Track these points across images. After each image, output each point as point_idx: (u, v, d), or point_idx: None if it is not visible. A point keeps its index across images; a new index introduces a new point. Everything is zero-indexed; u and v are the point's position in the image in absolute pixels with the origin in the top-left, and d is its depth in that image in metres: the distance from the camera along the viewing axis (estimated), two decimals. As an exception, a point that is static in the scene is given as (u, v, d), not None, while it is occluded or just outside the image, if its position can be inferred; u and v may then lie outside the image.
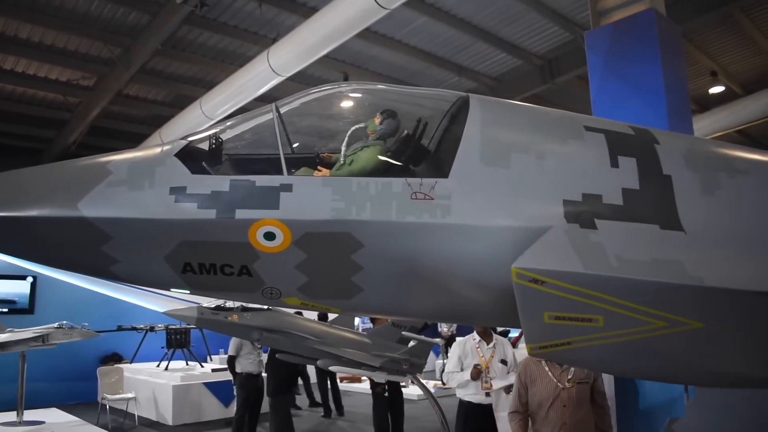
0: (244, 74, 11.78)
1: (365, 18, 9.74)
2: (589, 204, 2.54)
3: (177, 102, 14.85)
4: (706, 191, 2.73)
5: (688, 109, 7.54)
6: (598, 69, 7.38)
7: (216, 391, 12.55)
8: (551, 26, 12.66)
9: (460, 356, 6.63)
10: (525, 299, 2.30)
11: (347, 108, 3.17)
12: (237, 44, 12.90)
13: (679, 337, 2.37)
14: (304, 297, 2.77)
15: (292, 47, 10.75)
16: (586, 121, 2.90)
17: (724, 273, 2.41)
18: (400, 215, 2.50)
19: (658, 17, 7.15)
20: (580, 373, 4.43)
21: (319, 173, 2.70)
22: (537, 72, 14.21)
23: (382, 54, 13.33)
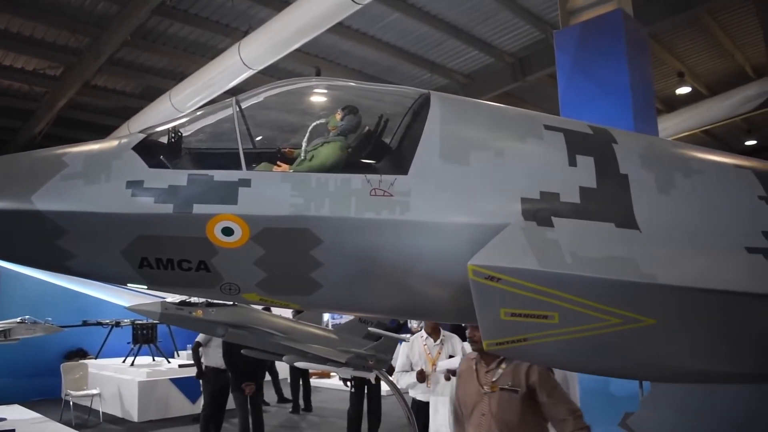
0: (215, 67, 11.64)
1: (338, 12, 9.71)
2: (546, 202, 2.56)
3: (146, 94, 14.64)
4: (662, 190, 2.77)
5: (653, 109, 7.68)
6: (567, 68, 7.46)
7: (183, 387, 12.44)
8: (523, 25, 12.75)
9: (408, 355, 6.63)
10: (481, 296, 2.31)
11: (308, 103, 3.15)
12: (208, 36, 12.75)
13: (633, 333, 2.41)
14: (262, 293, 2.75)
15: (264, 40, 10.66)
16: (545, 120, 2.93)
17: (677, 271, 2.45)
18: (359, 211, 2.50)
19: (626, 18, 7.24)
20: (508, 378, 3.79)
21: (279, 168, 2.68)
22: (508, 70, 14.30)
23: (354, 49, 13.29)
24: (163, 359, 13.72)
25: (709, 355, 2.65)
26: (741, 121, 19.57)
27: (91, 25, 11.84)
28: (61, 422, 11.45)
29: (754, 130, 21.15)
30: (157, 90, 13.70)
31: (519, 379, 3.75)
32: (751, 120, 19.57)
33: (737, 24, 14.22)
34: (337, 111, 2.87)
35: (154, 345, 13.66)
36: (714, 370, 2.71)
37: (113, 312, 14.16)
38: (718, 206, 2.84)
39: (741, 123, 20.01)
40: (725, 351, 2.66)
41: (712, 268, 2.56)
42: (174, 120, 2.94)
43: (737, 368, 2.72)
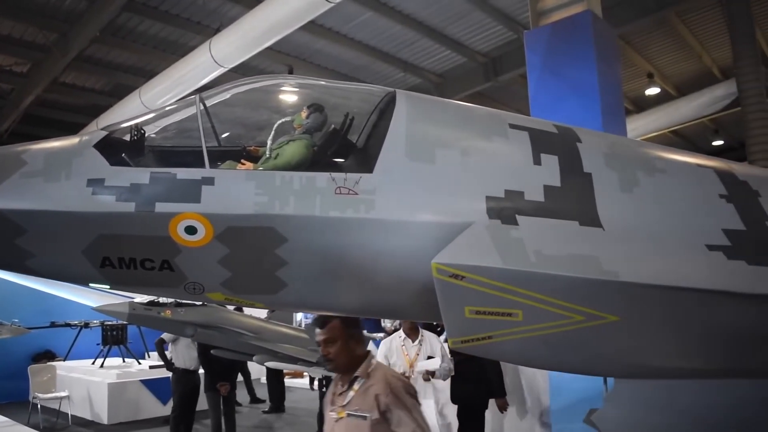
0: (186, 65, 11.52)
1: (310, 10, 9.67)
2: (511, 200, 2.58)
3: (115, 91, 14.43)
4: (625, 189, 2.80)
5: (622, 109, 7.77)
6: (537, 68, 7.51)
7: (154, 389, 12.28)
8: (495, 25, 12.84)
9: (386, 355, 6.44)
10: (445, 294, 2.31)
11: (274, 101, 3.14)
12: (179, 33, 12.62)
13: (596, 330, 2.44)
14: (227, 292, 2.72)
15: (235, 38, 10.58)
16: (510, 119, 2.94)
17: (639, 268, 2.48)
18: (324, 210, 2.49)
19: (594, 19, 7.31)
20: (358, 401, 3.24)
21: (243, 166, 2.66)
22: (481, 70, 14.39)
23: (327, 48, 13.26)
24: (134, 360, 13.52)
25: (671, 351, 2.69)
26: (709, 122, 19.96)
27: (60, 21, 11.64)
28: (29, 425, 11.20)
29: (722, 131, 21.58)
30: (127, 87, 13.52)
31: (369, 403, 3.21)
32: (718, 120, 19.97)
33: (705, 26, 14.50)
34: (302, 109, 2.86)
35: (124, 346, 13.45)
36: (675, 367, 2.75)
37: (82, 313, 13.89)
38: (679, 204, 2.88)
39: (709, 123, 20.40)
40: (686, 347, 2.70)
41: (673, 266, 2.59)
42: (137, 117, 2.90)
43: (698, 364, 2.77)
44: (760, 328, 2.68)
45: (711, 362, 2.78)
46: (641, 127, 16.60)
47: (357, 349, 3.40)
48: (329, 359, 3.39)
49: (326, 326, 3.38)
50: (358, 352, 3.40)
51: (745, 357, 2.78)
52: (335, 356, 3.37)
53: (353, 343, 3.38)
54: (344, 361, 3.38)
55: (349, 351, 3.37)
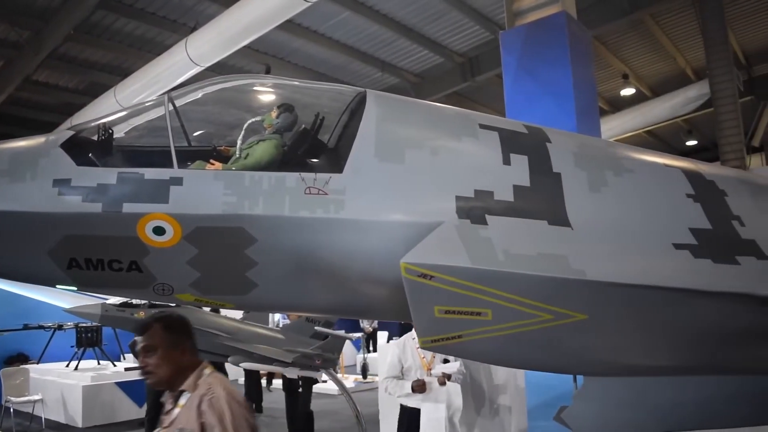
0: (161, 63, 11.41)
1: (288, 9, 9.63)
2: (480, 200, 2.59)
3: (90, 90, 14.25)
4: (594, 188, 2.83)
5: (596, 110, 7.83)
6: (512, 68, 7.53)
7: (129, 391, 12.14)
8: (472, 25, 12.89)
9: (400, 359, 5.79)
10: (414, 294, 2.32)
11: (244, 101, 3.12)
12: (155, 32, 12.50)
13: (565, 328, 2.46)
14: (197, 293, 2.71)
15: (212, 37, 10.50)
16: (480, 119, 2.96)
17: (607, 267, 2.51)
18: (294, 210, 2.48)
19: (569, 20, 7.36)
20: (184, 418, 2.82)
21: (212, 166, 2.64)
22: (458, 70, 14.45)
23: (305, 47, 13.22)
24: (109, 363, 13.35)
25: (639, 349, 2.73)
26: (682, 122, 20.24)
27: (33, 18, 11.46)
28: (2, 430, 11.05)
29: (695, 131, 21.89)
30: (102, 86, 13.37)
31: (191, 420, 2.78)
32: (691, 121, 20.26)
33: (678, 28, 14.71)
34: (272, 109, 2.84)
35: (99, 348, 13.25)
36: (643, 364, 2.79)
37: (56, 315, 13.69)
38: (647, 204, 2.92)
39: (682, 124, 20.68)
40: (654, 345, 2.74)
41: (640, 264, 2.62)
42: (105, 117, 2.87)
43: (665, 361, 2.82)
44: (725, 326, 2.73)
45: (678, 359, 2.82)
46: (617, 127, 16.79)
47: (183, 359, 2.93)
48: (147, 372, 2.96)
49: (145, 332, 2.98)
50: (185, 363, 2.93)
51: (711, 354, 2.83)
52: (155, 367, 2.90)
53: (177, 352, 2.92)
54: (167, 373, 2.90)
55: (173, 361, 2.90)
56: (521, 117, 7.15)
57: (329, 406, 12.50)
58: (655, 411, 3.00)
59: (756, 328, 2.77)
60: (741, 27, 15.21)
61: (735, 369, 2.99)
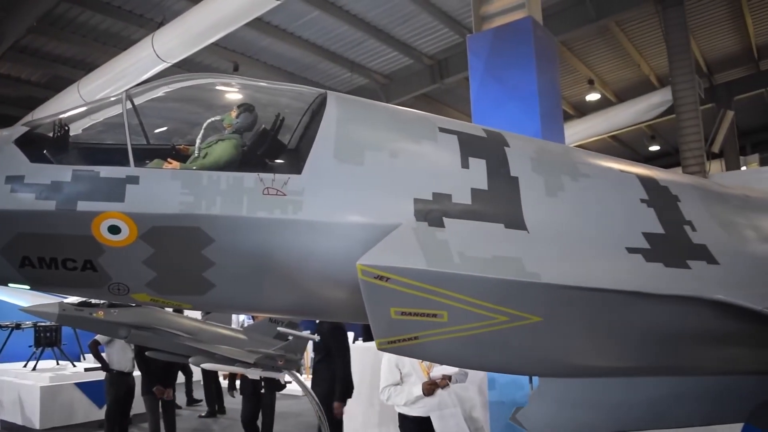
0: (127, 58, 11.25)
1: (257, 7, 9.57)
2: (438, 203, 2.61)
3: (53, 84, 13.98)
4: (550, 193, 2.87)
5: (560, 114, 7.94)
6: (479, 72, 7.61)
7: (89, 392, 11.90)
8: (442, 28, 12.99)
9: (397, 365, 5.40)
10: (371, 295, 2.33)
11: (204, 100, 3.09)
12: (120, 26, 12.32)
13: (520, 330, 2.49)
14: (153, 293, 2.67)
15: (179, 33, 10.38)
16: (440, 122, 2.98)
17: (561, 270, 2.54)
18: (251, 210, 2.47)
19: (535, 26, 7.46)
20: None
21: (169, 165, 2.61)
22: (427, 72, 14.54)
23: (273, 45, 13.17)
24: (68, 363, 13.08)
25: (593, 350, 2.78)
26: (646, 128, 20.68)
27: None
28: (-46, 432, 10.77)
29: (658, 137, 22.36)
30: (65, 80, 13.13)
31: None
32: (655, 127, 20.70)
33: (643, 36, 15.03)
34: (233, 108, 2.83)
35: (58, 348, 12.98)
36: (597, 365, 2.85)
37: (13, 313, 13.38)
38: (602, 208, 2.97)
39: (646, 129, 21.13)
40: (607, 347, 2.79)
41: (593, 268, 2.67)
42: (61, 113, 2.82)
43: (618, 363, 2.87)
44: (676, 328, 2.80)
45: (630, 361, 2.88)
46: (582, 131, 17.07)
47: None
48: None
49: None
50: None
51: (662, 355, 2.89)
52: None
53: None
54: None
55: None
56: (487, 120, 7.26)
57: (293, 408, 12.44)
58: (608, 411, 3.06)
59: (705, 331, 2.85)
60: (703, 36, 15.60)
61: (686, 370, 3.07)
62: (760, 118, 22.80)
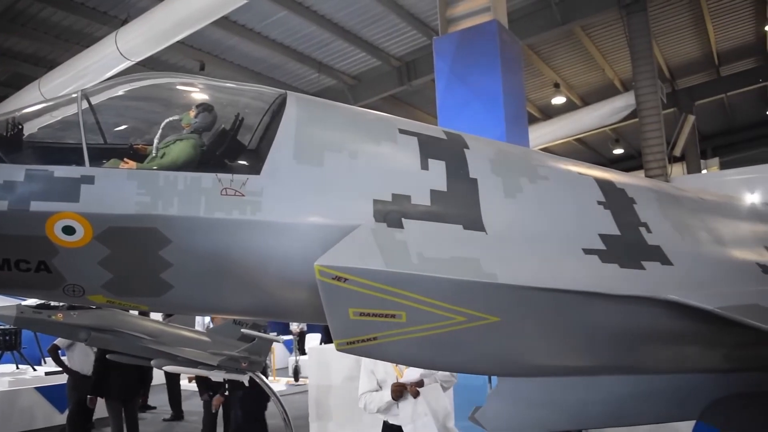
0: (90, 56, 11.07)
1: (223, 6, 9.50)
2: (398, 204, 2.61)
3: (13, 81, 13.68)
4: (509, 195, 2.90)
5: (525, 117, 8.05)
6: (444, 74, 7.67)
7: (50, 396, 11.63)
8: (409, 30, 13.04)
9: (373, 371, 5.13)
10: (329, 296, 2.33)
11: (162, 99, 3.05)
12: (83, 23, 12.11)
13: (478, 330, 2.52)
14: (109, 294, 2.63)
15: (143, 31, 10.25)
16: (400, 123, 2.99)
17: (517, 271, 2.57)
18: (209, 211, 2.45)
19: (500, 29, 7.55)
20: None
21: (126, 165, 2.58)
22: (395, 73, 14.59)
23: (240, 45, 13.08)
24: (28, 367, 12.78)
25: (549, 350, 2.82)
26: (610, 131, 21.07)
27: (-50, 4, 10.94)
28: None
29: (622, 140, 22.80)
30: (26, 78, 12.87)
31: None
32: (619, 130, 21.11)
33: (608, 41, 15.30)
34: (191, 108, 2.80)
35: (18, 352, 12.67)
36: (554, 364, 2.89)
37: (-29, 316, 13.04)
38: (559, 210, 3.01)
39: (610, 133, 21.53)
40: (563, 346, 2.84)
41: (550, 269, 2.71)
42: (15, 112, 2.76)
43: (575, 362, 2.92)
44: (632, 328, 2.85)
45: (587, 360, 2.93)
46: (548, 134, 17.31)
47: None
48: None
49: None
50: None
51: (618, 354, 2.95)
52: None
53: None
54: None
55: None
56: (453, 122, 7.31)
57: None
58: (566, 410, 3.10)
59: (660, 330, 2.91)
60: (666, 42, 15.96)
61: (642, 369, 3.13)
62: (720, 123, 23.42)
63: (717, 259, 3.37)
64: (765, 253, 3.64)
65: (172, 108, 2.88)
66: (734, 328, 2.76)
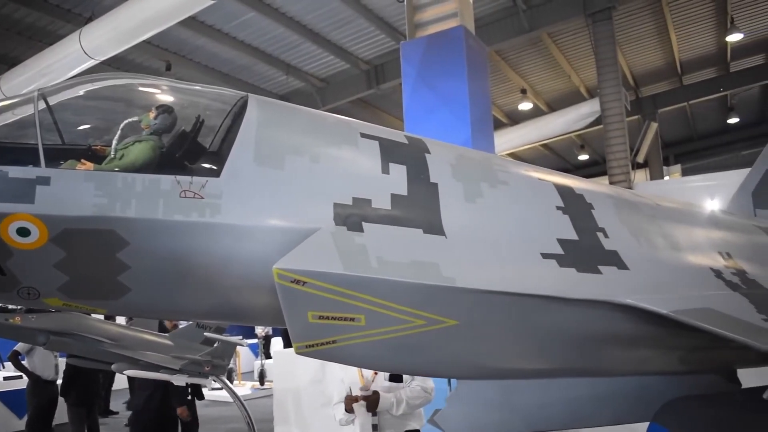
0: (53, 54, 10.86)
1: (190, 5, 9.40)
2: (358, 208, 2.62)
3: (-27, 79, 13.31)
4: (469, 199, 2.93)
5: (490, 122, 8.12)
6: (411, 79, 7.72)
7: (8, 402, 11.38)
8: (378, 33, 13.08)
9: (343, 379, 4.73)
10: (288, 299, 2.32)
11: (122, 100, 3.01)
12: (47, 20, 11.87)
13: (437, 334, 2.53)
14: (65, 297, 2.58)
15: (108, 29, 10.08)
16: (362, 128, 2.99)
17: (476, 275, 2.60)
18: (168, 213, 2.42)
19: (467, 35, 7.62)
20: None
21: (83, 166, 2.54)
22: (364, 77, 14.62)
23: (208, 45, 12.96)
24: (-13, 371, 12.49)
25: (507, 353, 2.85)
26: (576, 137, 21.37)
27: None
28: None
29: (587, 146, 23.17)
30: (-14, 75, 12.53)
31: None
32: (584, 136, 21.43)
33: (574, 48, 15.55)
34: (151, 109, 2.77)
35: (-25, 356, 12.38)
36: (511, 368, 2.93)
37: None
38: (518, 215, 3.05)
39: (576, 139, 21.84)
40: (521, 350, 2.87)
41: (508, 273, 2.74)
42: (-32, 110, 2.70)
43: (532, 365, 2.97)
44: (588, 331, 2.90)
45: (545, 363, 2.98)
46: (515, 139, 17.49)
47: None
48: None
49: None
50: None
51: (575, 357, 3.00)
52: None
53: None
54: None
55: None
56: (419, 126, 7.36)
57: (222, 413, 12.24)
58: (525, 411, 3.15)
59: (615, 334, 2.97)
60: (630, 50, 16.28)
61: (598, 372, 3.20)
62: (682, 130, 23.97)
63: (672, 263, 3.45)
64: (719, 258, 3.74)
65: (131, 109, 2.85)
66: (688, 332, 2.82)
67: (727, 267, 3.63)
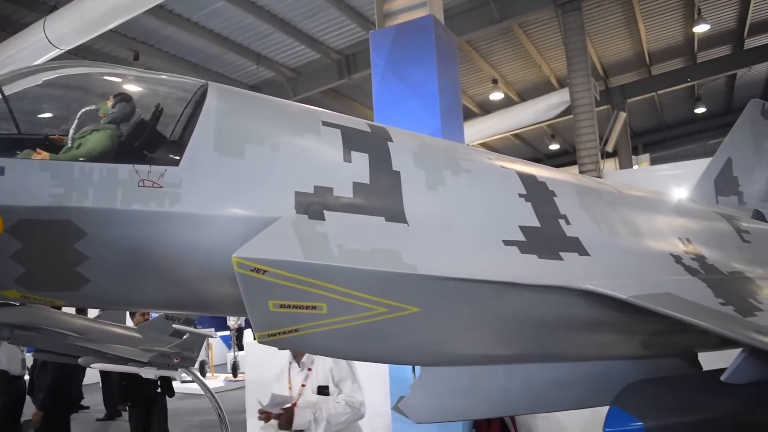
0: (16, 43, 10.62)
1: (156, -7, 9.26)
2: (319, 196, 2.62)
3: (-67, 68, 12.98)
4: (431, 187, 2.95)
5: (460, 112, 8.13)
6: (381, 69, 7.68)
7: (-26, 398, 11.16)
8: (349, 23, 13.03)
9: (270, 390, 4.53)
10: (248, 288, 2.32)
11: (79, 88, 2.96)
12: (10, 9, 11.61)
13: (399, 321, 2.55)
14: (23, 289, 2.55)
15: (74, 18, 9.89)
16: (324, 116, 2.99)
17: (438, 262, 2.62)
18: (126, 203, 2.40)
19: (436, 24, 7.60)
20: None
21: (39, 156, 2.50)
22: (335, 66, 14.56)
23: (177, 34, 12.79)
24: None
25: (470, 339, 2.89)
26: (546, 127, 21.58)
27: None
28: None
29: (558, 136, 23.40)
30: (-54, 65, 12.20)
31: None
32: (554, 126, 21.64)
33: (544, 38, 15.66)
34: (109, 98, 2.73)
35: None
36: (474, 353, 2.96)
37: None
38: (481, 203, 3.07)
39: (546, 128, 22.05)
40: (483, 336, 2.91)
41: (470, 260, 2.77)
42: None
43: (495, 350, 3.00)
44: (550, 316, 2.95)
45: (507, 348, 3.02)
46: (486, 129, 17.60)
47: None
48: None
49: None
50: None
51: (537, 343, 3.05)
52: None
53: None
54: None
55: None
56: (389, 116, 7.34)
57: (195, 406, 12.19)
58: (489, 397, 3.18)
59: (577, 319, 3.02)
60: (600, 41, 16.44)
61: (561, 356, 3.24)
62: (651, 120, 24.32)
63: (633, 249, 3.51)
64: (679, 244, 3.81)
65: (89, 97, 2.81)
66: (647, 316, 2.87)
67: (686, 252, 3.70)
